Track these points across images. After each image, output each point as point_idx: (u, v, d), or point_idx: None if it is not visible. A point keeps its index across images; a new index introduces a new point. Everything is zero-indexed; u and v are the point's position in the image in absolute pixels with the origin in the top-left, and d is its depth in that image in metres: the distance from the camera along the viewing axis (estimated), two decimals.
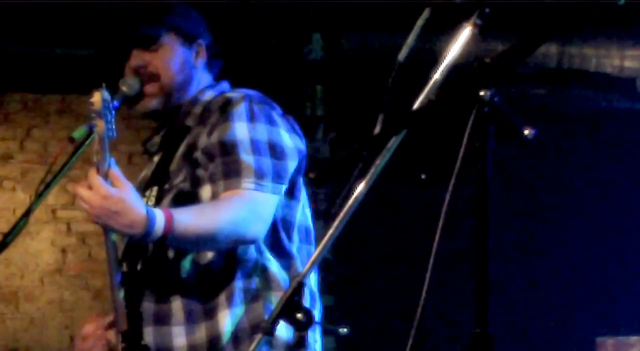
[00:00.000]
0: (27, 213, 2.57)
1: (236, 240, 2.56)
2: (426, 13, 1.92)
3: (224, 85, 2.85)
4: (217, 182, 2.57)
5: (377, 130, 1.87)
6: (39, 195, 2.58)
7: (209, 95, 2.78)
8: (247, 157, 2.57)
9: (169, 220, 2.43)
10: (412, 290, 1.95)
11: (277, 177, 2.60)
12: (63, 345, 7.19)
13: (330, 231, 1.86)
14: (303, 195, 2.74)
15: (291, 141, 2.68)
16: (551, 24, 1.68)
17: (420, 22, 1.92)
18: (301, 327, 1.87)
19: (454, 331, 5.70)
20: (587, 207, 7.15)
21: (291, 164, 2.65)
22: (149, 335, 2.61)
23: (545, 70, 6.11)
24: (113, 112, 2.42)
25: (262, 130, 2.62)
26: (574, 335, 6.84)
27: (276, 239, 2.65)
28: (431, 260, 1.69)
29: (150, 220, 2.41)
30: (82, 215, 7.27)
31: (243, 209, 2.53)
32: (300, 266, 2.70)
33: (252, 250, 2.63)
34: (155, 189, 2.67)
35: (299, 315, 1.85)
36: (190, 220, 2.47)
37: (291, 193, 2.68)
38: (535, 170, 7.21)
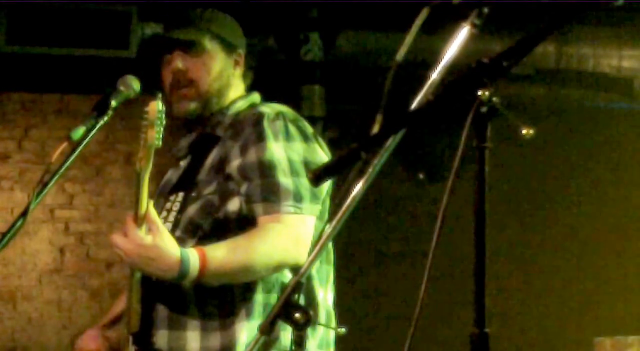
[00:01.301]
0: (25, 213, 2.56)
1: (277, 268, 2.59)
2: (424, 13, 1.92)
3: (255, 96, 2.86)
4: (256, 204, 2.59)
5: (375, 129, 1.87)
6: (37, 195, 2.57)
7: (240, 105, 2.79)
8: (285, 180, 2.58)
9: (203, 260, 2.47)
10: (411, 290, 1.95)
11: (314, 197, 2.61)
12: (61, 345, 7.19)
13: (329, 231, 1.85)
14: (327, 215, 2.73)
15: (326, 158, 2.71)
16: (549, 23, 1.68)
17: (418, 22, 1.92)
18: (299, 327, 1.86)
19: (452, 331, 5.70)
20: (584, 207, 7.16)
21: (325, 184, 2.66)
22: (162, 338, 2.63)
23: (543, 70, 6.11)
24: (164, 121, 2.43)
25: (298, 149, 2.64)
26: (572, 335, 6.85)
27: None
28: (429, 260, 1.69)
29: (184, 262, 2.45)
30: (80, 214, 7.27)
31: (281, 236, 2.55)
32: (318, 286, 2.71)
33: None
34: (180, 195, 2.68)
35: (297, 315, 1.85)
36: (224, 256, 2.49)
37: (319, 214, 2.68)
38: (534, 170, 7.21)
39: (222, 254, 2.49)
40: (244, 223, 2.60)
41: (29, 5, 5.61)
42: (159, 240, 2.44)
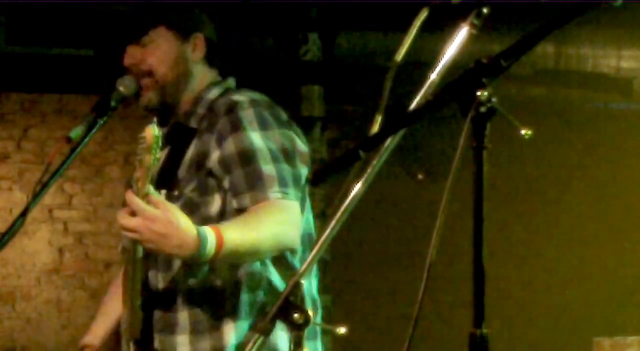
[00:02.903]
0: (24, 213, 2.56)
1: (278, 250, 2.56)
2: (423, 13, 1.92)
3: (230, 81, 2.79)
4: (243, 195, 2.54)
5: (374, 130, 1.87)
6: (36, 195, 2.57)
7: (213, 93, 2.73)
8: (267, 167, 2.54)
9: (220, 239, 2.38)
10: (410, 290, 1.95)
11: (296, 183, 2.58)
12: (60, 345, 7.19)
13: (327, 231, 1.85)
14: (307, 203, 2.71)
15: (302, 145, 2.66)
16: (547, 24, 1.68)
17: (417, 23, 1.92)
18: (298, 327, 1.86)
19: (452, 331, 5.70)
20: (584, 206, 7.16)
21: (304, 170, 2.63)
22: (157, 342, 2.61)
23: (542, 70, 6.11)
24: (160, 145, 2.36)
25: (275, 137, 2.60)
26: (571, 335, 6.85)
27: None
28: (428, 260, 1.69)
29: (202, 241, 2.35)
30: (79, 214, 7.27)
31: (281, 219, 2.51)
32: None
33: (257, 263, 2.60)
34: (163, 193, 2.61)
35: (295, 315, 1.85)
36: (238, 236, 2.42)
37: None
38: (533, 170, 7.22)
39: (235, 233, 2.42)
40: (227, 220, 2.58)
41: (28, 5, 5.61)
42: (170, 214, 2.34)
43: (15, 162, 7.27)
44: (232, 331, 2.57)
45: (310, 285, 2.72)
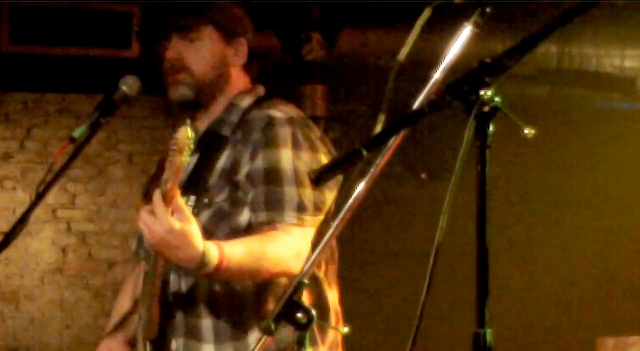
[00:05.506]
0: (27, 213, 2.56)
1: (276, 275, 2.59)
2: (426, 13, 1.92)
3: (260, 90, 2.80)
4: (259, 212, 2.58)
5: (377, 129, 1.87)
6: (40, 195, 2.57)
7: (246, 101, 2.74)
8: (290, 189, 2.57)
9: (221, 259, 2.43)
10: (412, 290, 1.95)
11: (316, 209, 2.59)
12: (63, 345, 7.19)
13: (330, 231, 1.86)
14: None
15: None
16: (550, 23, 1.68)
17: (420, 22, 1.92)
18: (301, 327, 1.86)
19: (454, 331, 5.70)
20: (587, 206, 7.15)
21: (329, 196, 2.63)
22: (180, 345, 2.63)
23: (545, 70, 6.11)
24: (192, 147, 2.38)
25: (305, 159, 2.61)
26: (573, 334, 6.84)
27: None
28: (431, 260, 1.69)
29: (205, 258, 2.41)
30: (82, 214, 7.27)
31: (285, 247, 2.53)
32: (327, 288, 2.70)
33: None
34: (192, 199, 2.64)
35: (298, 315, 1.85)
36: (240, 258, 2.47)
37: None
38: (535, 170, 7.21)
39: (238, 257, 2.47)
40: (254, 232, 2.59)
41: (31, 5, 5.61)
42: (187, 229, 2.38)
43: (19, 162, 7.27)
44: (257, 340, 2.58)
45: (334, 298, 2.73)
